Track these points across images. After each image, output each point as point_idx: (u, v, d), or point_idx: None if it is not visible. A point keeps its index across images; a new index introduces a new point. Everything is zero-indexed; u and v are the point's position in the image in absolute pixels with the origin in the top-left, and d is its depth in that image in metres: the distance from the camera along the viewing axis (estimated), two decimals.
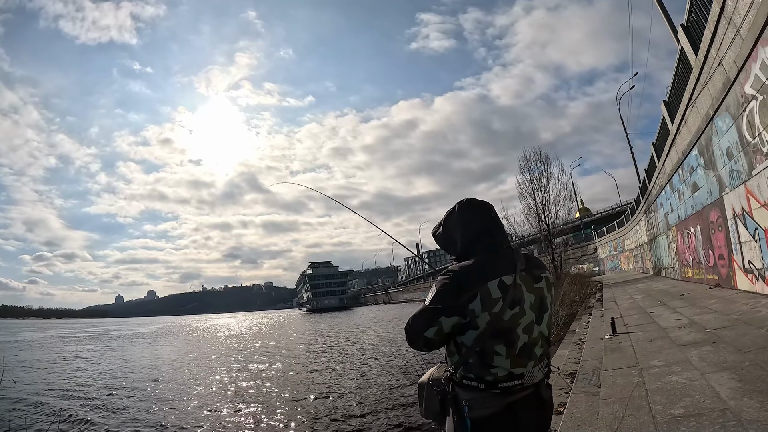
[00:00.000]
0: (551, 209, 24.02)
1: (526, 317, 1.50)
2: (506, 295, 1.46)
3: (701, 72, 9.75)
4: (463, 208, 1.69)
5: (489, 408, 1.45)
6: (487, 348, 1.45)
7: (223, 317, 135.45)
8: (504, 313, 1.45)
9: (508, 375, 1.46)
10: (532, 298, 1.54)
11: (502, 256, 1.57)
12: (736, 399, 3.36)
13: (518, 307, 1.49)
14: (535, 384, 1.52)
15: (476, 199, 1.73)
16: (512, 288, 1.48)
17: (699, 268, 13.64)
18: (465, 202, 1.72)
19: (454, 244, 1.69)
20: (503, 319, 1.45)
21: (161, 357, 23.68)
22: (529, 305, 1.52)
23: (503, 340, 1.46)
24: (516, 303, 1.48)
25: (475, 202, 1.72)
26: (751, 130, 7.77)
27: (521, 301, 1.50)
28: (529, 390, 1.51)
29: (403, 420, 8.20)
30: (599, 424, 3.44)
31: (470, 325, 1.46)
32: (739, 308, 7.60)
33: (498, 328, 1.45)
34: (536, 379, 1.53)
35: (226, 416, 9.58)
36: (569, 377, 5.52)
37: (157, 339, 40.16)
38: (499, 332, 1.46)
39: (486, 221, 1.66)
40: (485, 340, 1.45)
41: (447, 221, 1.72)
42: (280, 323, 58.98)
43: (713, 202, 10.97)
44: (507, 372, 1.46)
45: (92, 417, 10.01)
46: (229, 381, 14.07)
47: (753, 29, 6.87)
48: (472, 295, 1.44)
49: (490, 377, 1.46)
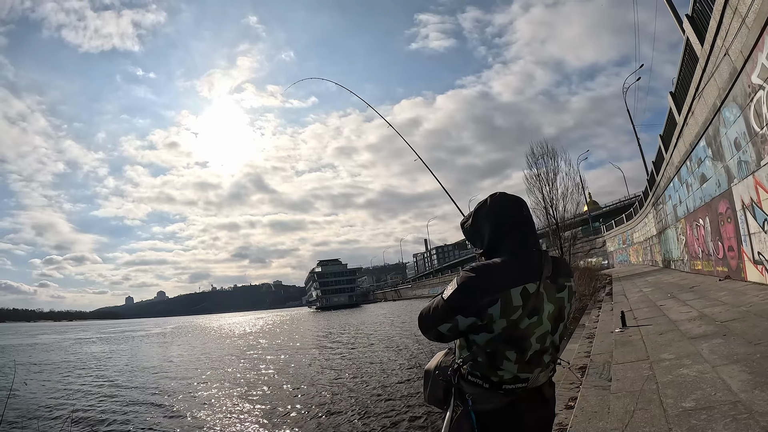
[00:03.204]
0: (559, 203, 23.95)
1: (542, 327, 1.47)
2: (527, 303, 1.42)
3: (707, 62, 9.68)
4: (495, 202, 1.60)
5: (492, 403, 1.46)
6: (498, 352, 1.44)
7: (233, 316, 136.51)
8: (521, 321, 1.42)
9: (513, 379, 1.45)
10: (552, 308, 1.49)
11: (530, 259, 1.50)
12: (747, 391, 3.36)
13: (536, 317, 1.45)
14: (537, 387, 1.53)
15: (509, 194, 1.63)
16: (534, 296, 1.43)
17: (708, 260, 13.55)
18: (498, 195, 1.62)
19: (482, 239, 1.61)
20: (519, 327, 1.42)
21: (182, 356, 23.98)
22: (547, 315, 1.48)
23: (515, 347, 1.43)
24: (535, 312, 1.44)
25: (507, 196, 1.62)
26: (758, 120, 7.71)
27: (540, 311, 1.46)
28: (532, 391, 1.52)
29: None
30: (610, 419, 3.45)
31: (485, 327, 1.42)
32: (750, 300, 7.56)
33: (512, 335, 1.42)
34: (539, 383, 1.52)
35: (248, 414, 9.69)
36: (580, 371, 5.53)
37: (174, 339, 40.80)
38: (513, 339, 1.43)
39: (517, 218, 1.57)
40: (497, 344, 1.43)
41: (477, 214, 1.63)
42: (291, 321, 59.36)
43: (722, 194, 10.89)
44: (513, 376, 1.45)
45: (111, 417, 10.17)
46: (251, 380, 14.21)
47: (759, 18, 6.82)
48: (493, 299, 1.39)
49: (496, 378, 1.45)
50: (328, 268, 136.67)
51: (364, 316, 52.62)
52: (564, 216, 24.01)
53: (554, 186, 24.12)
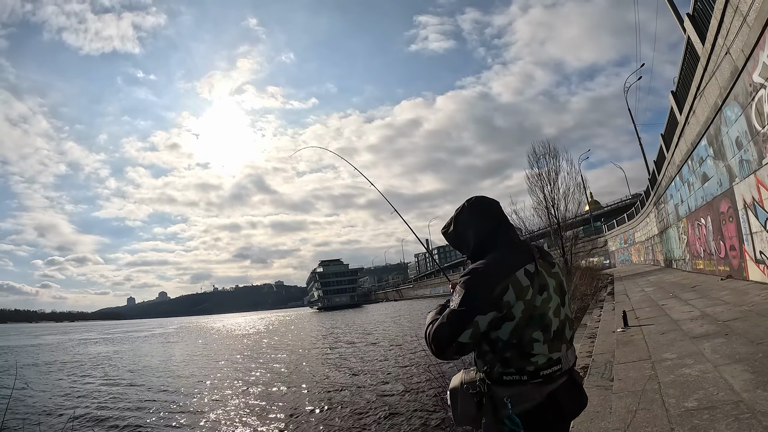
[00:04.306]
0: (560, 203, 23.95)
1: (553, 301, 1.53)
2: (533, 282, 1.49)
3: (708, 61, 9.66)
4: (474, 206, 1.70)
5: (532, 400, 1.46)
6: (525, 337, 1.46)
7: (235, 317, 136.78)
8: (535, 299, 1.48)
9: (548, 361, 1.47)
10: (554, 282, 1.57)
11: (518, 249, 1.60)
12: (749, 391, 3.36)
13: (546, 292, 1.52)
14: (569, 369, 1.56)
15: (485, 197, 1.74)
16: (536, 275, 1.51)
17: (710, 259, 13.52)
18: (474, 199, 1.72)
19: (467, 243, 1.69)
20: (536, 305, 1.48)
21: (188, 355, 24.05)
22: (553, 289, 1.55)
23: (540, 326, 1.48)
24: (543, 288, 1.51)
25: (485, 199, 1.72)
26: (760, 119, 7.69)
27: (546, 286, 1.53)
28: (566, 376, 1.54)
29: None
30: (612, 418, 3.46)
31: (506, 317, 1.45)
32: (752, 299, 7.55)
33: (533, 315, 1.47)
34: (571, 363, 1.57)
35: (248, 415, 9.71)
36: (581, 371, 5.52)
37: (179, 339, 41.02)
38: (535, 319, 1.48)
39: (498, 218, 1.68)
40: (523, 330, 1.46)
41: (458, 219, 1.72)
42: (294, 322, 59.42)
43: (723, 193, 10.87)
44: (547, 358, 1.47)
45: (111, 415, 10.19)
46: (257, 378, 14.23)
47: (760, 17, 6.81)
48: (504, 287, 1.44)
49: (531, 367, 1.46)
50: (330, 269, 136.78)
51: (367, 316, 52.56)
52: (565, 216, 24.00)
53: (556, 185, 24.14)
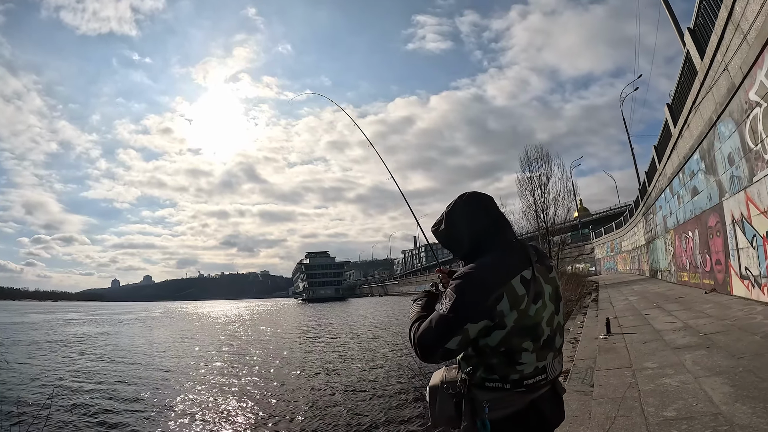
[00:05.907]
0: (550, 207, 24.13)
1: (547, 309, 1.46)
2: (529, 290, 1.40)
3: (706, 76, 9.73)
4: (468, 203, 1.57)
5: (512, 407, 1.40)
6: (515, 346, 1.38)
7: (220, 304, 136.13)
8: (529, 308, 1.39)
9: (534, 370, 1.41)
10: (550, 289, 1.49)
11: (516, 251, 1.49)
12: (728, 404, 3.39)
13: (541, 301, 1.43)
14: (554, 379, 1.49)
15: (480, 192, 1.61)
16: (533, 281, 1.42)
17: (695, 272, 13.69)
18: (468, 195, 1.59)
19: (460, 242, 1.56)
20: (529, 314, 1.39)
21: (170, 342, 23.83)
22: (548, 297, 1.47)
23: (530, 336, 1.40)
24: (538, 296, 1.43)
25: (480, 195, 1.60)
26: (753, 136, 7.77)
27: (542, 294, 1.45)
28: (549, 386, 1.48)
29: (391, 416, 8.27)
30: (591, 424, 3.47)
31: (498, 326, 1.36)
32: (734, 314, 7.64)
33: (525, 325, 1.38)
34: (557, 372, 1.50)
35: (222, 406, 9.64)
36: (562, 376, 5.55)
37: (164, 323, 40.94)
38: (526, 329, 1.39)
39: (494, 215, 1.56)
40: (512, 338, 1.38)
41: (449, 217, 1.57)
42: (278, 312, 59.25)
43: (712, 207, 10.99)
44: (533, 367, 1.41)
45: (87, 400, 10.08)
46: (233, 370, 14.18)
47: (760, 36, 6.85)
48: (498, 295, 1.35)
49: (516, 375, 1.39)
50: (316, 261, 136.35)
51: (352, 310, 52.71)
52: (554, 220, 24.16)
53: (546, 190, 24.33)
